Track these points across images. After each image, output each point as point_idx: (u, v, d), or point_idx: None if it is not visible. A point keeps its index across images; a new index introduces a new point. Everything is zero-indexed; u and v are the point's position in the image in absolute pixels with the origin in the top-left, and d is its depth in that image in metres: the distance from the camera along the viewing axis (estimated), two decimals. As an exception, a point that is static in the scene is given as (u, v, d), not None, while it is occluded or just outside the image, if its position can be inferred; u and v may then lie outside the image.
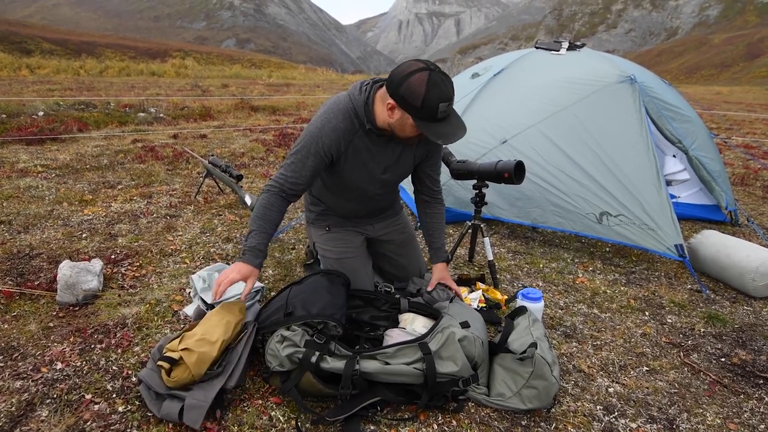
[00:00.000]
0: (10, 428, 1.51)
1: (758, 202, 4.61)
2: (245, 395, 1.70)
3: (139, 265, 2.70)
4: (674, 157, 3.82)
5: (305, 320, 1.73)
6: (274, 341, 1.69)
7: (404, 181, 2.19)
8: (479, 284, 2.53)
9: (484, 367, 1.75)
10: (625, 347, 2.14)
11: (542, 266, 2.96)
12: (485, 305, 2.36)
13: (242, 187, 3.99)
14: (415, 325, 1.90)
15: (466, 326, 1.76)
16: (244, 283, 1.76)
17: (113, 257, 2.76)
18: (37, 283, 2.42)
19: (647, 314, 2.45)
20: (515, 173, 2.43)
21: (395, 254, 2.33)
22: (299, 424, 1.58)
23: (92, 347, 1.93)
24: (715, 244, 2.85)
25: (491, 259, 2.64)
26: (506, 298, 2.45)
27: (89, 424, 1.55)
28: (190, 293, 2.36)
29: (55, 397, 1.65)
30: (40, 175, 4.43)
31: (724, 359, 2.08)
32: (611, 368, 1.98)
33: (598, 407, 1.74)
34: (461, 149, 3.13)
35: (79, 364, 1.83)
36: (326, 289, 1.90)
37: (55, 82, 15.30)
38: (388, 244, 2.31)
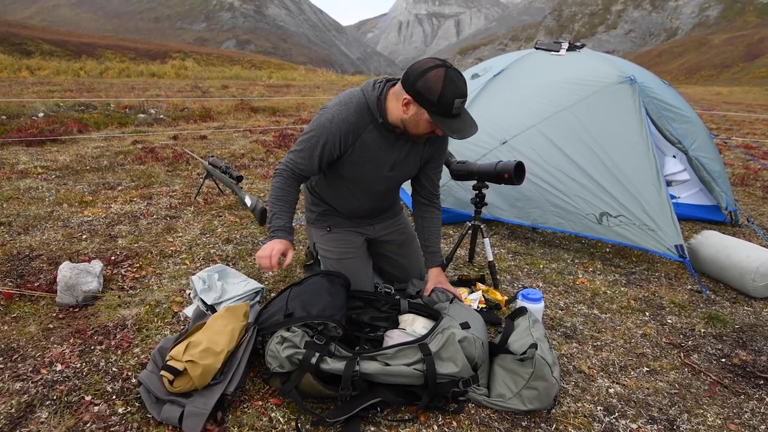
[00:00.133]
0: (9, 430, 1.51)
1: (758, 202, 4.61)
2: (245, 396, 1.70)
3: (139, 266, 2.70)
4: (674, 157, 3.82)
5: (305, 321, 1.73)
6: (274, 342, 1.69)
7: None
8: (479, 285, 2.53)
9: (484, 368, 1.75)
10: (625, 348, 2.14)
11: (542, 267, 2.96)
12: (485, 306, 2.36)
13: (242, 188, 3.99)
14: (415, 326, 1.89)
15: (466, 327, 1.76)
16: (250, 283, 1.78)
17: (113, 258, 2.76)
18: (36, 284, 2.42)
19: (647, 315, 2.45)
20: (515, 174, 2.43)
21: (396, 254, 2.33)
22: (299, 425, 1.58)
23: (92, 349, 1.93)
24: (715, 244, 2.85)
25: (491, 259, 2.64)
26: (506, 298, 2.45)
27: (89, 425, 1.54)
28: (190, 294, 2.36)
29: (54, 398, 1.65)
30: (40, 176, 4.43)
31: (724, 360, 2.08)
32: (611, 369, 1.98)
33: (598, 408, 1.74)
34: (461, 150, 3.13)
35: (78, 365, 1.83)
36: (326, 290, 1.90)
37: (55, 83, 15.31)
38: (388, 244, 2.31)
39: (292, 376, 1.66)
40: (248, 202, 3.49)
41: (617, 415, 1.71)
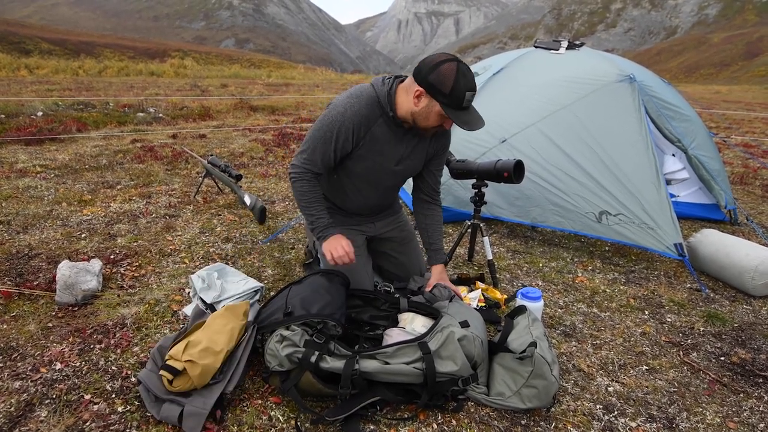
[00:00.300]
0: (9, 428, 1.51)
1: (757, 200, 4.61)
2: (245, 395, 1.70)
3: (138, 265, 2.70)
4: (673, 156, 3.82)
5: (305, 320, 1.73)
6: (273, 341, 1.69)
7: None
8: (479, 283, 2.53)
9: (483, 366, 1.75)
10: (624, 346, 2.14)
11: (542, 265, 2.96)
12: (485, 304, 2.36)
13: (241, 186, 3.99)
14: (414, 324, 1.90)
15: (465, 326, 1.76)
16: (250, 281, 1.79)
17: (112, 257, 2.76)
18: (36, 283, 2.41)
19: (647, 313, 2.45)
20: (514, 172, 2.43)
21: (396, 252, 2.33)
22: (299, 423, 1.58)
23: (91, 347, 1.93)
24: (714, 243, 2.86)
25: (491, 258, 2.64)
26: (506, 297, 2.45)
27: (88, 424, 1.54)
28: (189, 293, 2.36)
29: (54, 397, 1.65)
30: (39, 175, 4.43)
31: (723, 358, 2.08)
32: (611, 367, 1.98)
33: (597, 406, 1.74)
34: (460, 148, 3.13)
35: (78, 364, 1.83)
36: (326, 288, 1.90)
37: (53, 82, 15.29)
38: (388, 242, 2.32)
39: (291, 374, 1.66)
40: (247, 200, 3.49)
41: (616, 413, 1.72)
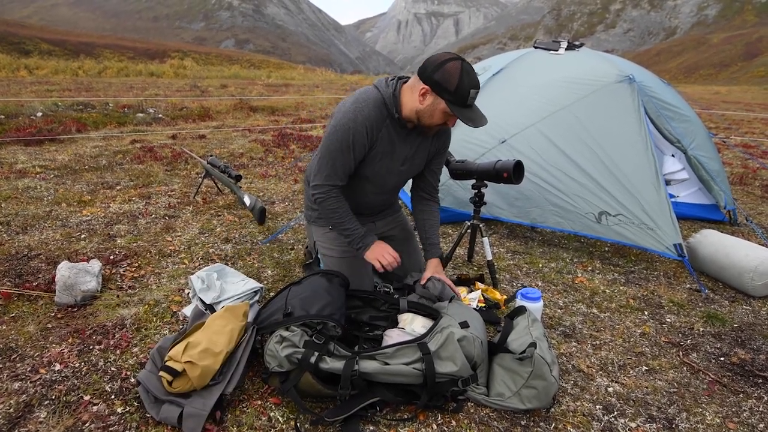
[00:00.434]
0: (8, 430, 1.51)
1: (757, 201, 4.61)
2: (244, 396, 1.70)
3: (137, 265, 2.70)
4: (673, 156, 3.82)
5: (304, 320, 1.73)
6: (273, 342, 1.68)
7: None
8: (478, 284, 2.53)
9: (483, 367, 1.75)
10: (624, 347, 2.14)
11: (541, 266, 2.96)
12: (484, 305, 2.36)
13: (241, 187, 3.99)
14: (414, 325, 1.89)
15: (465, 326, 1.76)
16: (249, 282, 1.83)
17: (112, 258, 2.75)
18: (35, 284, 2.41)
19: (646, 314, 2.45)
20: (514, 173, 2.43)
21: (396, 250, 2.34)
22: (298, 424, 1.58)
23: (91, 348, 1.93)
24: (714, 243, 2.86)
25: (490, 258, 2.64)
26: (505, 297, 2.45)
27: (88, 425, 1.54)
28: (188, 294, 2.35)
29: (53, 398, 1.65)
30: (38, 175, 4.43)
31: (723, 358, 2.08)
32: (610, 368, 1.98)
33: (597, 407, 1.74)
34: (460, 149, 3.13)
35: (77, 365, 1.83)
36: (325, 289, 1.90)
37: (53, 82, 15.29)
38: (389, 240, 2.32)
39: (291, 375, 1.66)
40: (247, 201, 3.49)
41: (616, 413, 1.72)
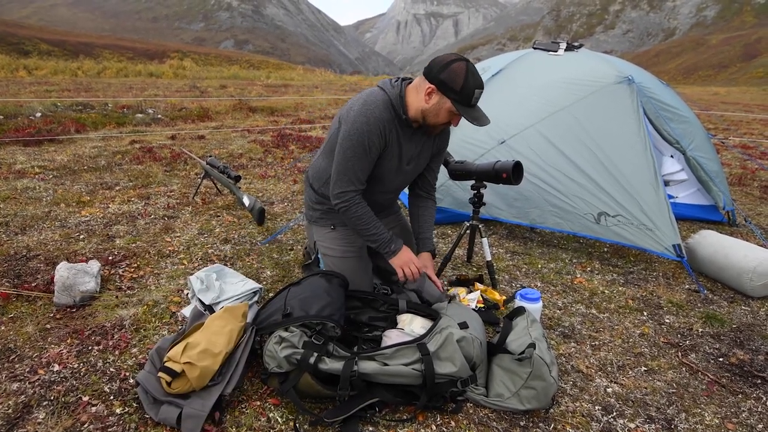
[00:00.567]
0: (7, 430, 1.51)
1: (755, 202, 4.62)
2: (243, 397, 1.70)
3: (136, 266, 2.69)
4: (672, 157, 3.83)
5: (303, 321, 1.73)
6: (272, 342, 1.68)
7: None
8: (477, 285, 2.53)
9: (482, 367, 1.75)
10: (623, 347, 2.14)
11: (540, 267, 2.96)
12: (483, 306, 2.36)
13: (240, 188, 3.99)
14: (413, 325, 1.89)
15: (464, 327, 1.76)
16: (248, 283, 1.95)
17: (111, 258, 2.75)
18: (34, 284, 2.41)
19: (645, 314, 2.45)
20: (513, 174, 2.43)
21: None
22: (297, 425, 1.58)
23: (89, 349, 1.93)
24: (712, 244, 2.86)
25: (489, 259, 2.64)
26: (504, 298, 2.45)
27: (86, 426, 1.54)
28: (188, 294, 2.35)
29: (52, 399, 1.65)
30: (37, 176, 4.42)
31: (722, 359, 2.08)
32: (609, 368, 1.98)
33: (596, 407, 1.74)
34: (459, 150, 3.13)
35: (76, 365, 1.82)
36: (324, 290, 1.89)
37: (52, 83, 15.27)
38: None
39: (290, 376, 1.66)
40: (246, 201, 3.49)
41: (615, 414, 1.72)
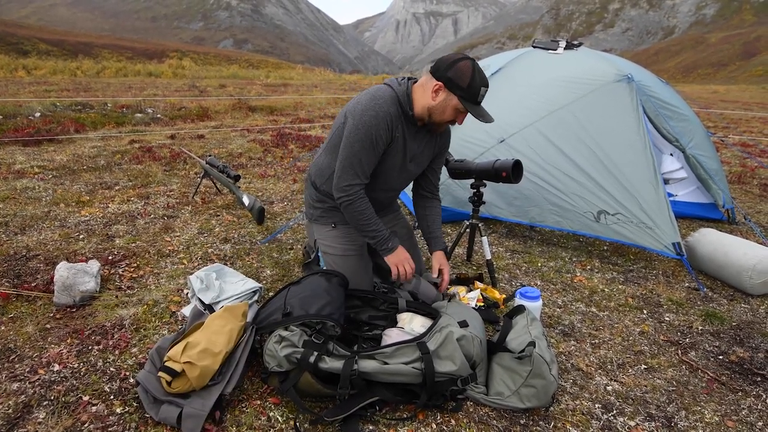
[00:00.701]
0: (7, 430, 1.51)
1: (755, 200, 4.62)
2: (243, 396, 1.70)
3: (136, 266, 2.69)
4: (671, 155, 3.83)
5: (303, 320, 1.73)
6: (272, 341, 1.68)
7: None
8: (477, 283, 2.53)
9: (482, 366, 1.75)
10: (623, 345, 2.14)
11: (540, 265, 2.96)
12: (483, 304, 2.36)
13: (240, 187, 3.99)
14: (413, 324, 1.90)
15: (464, 325, 1.76)
16: (248, 282, 1.93)
17: (110, 258, 2.75)
18: (33, 284, 2.41)
19: (645, 312, 2.45)
20: (513, 172, 2.43)
21: None
22: (298, 424, 1.58)
23: (89, 349, 1.93)
24: (712, 242, 2.86)
25: (489, 258, 2.64)
26: (504, 297, 2.45)
27: (87, 425, 1.54)
28: (187, 294, 2.35)
29: (52, 398, 1.65)
30: (36, 176, 4.42)
31: (721, 357, 2.08)
32: (609, 366, 1.98)
33: (596, 405, 1.75)
34: (459, 148, 3.13)
35: (76, 365, 1.82)
36: (324, 289, 1.90)
37: (51, 83, 15.26)
38: None
39: (290, 375, 1.66)
40: (246, 201, 3.49)
41: (615, 412, 1.72)
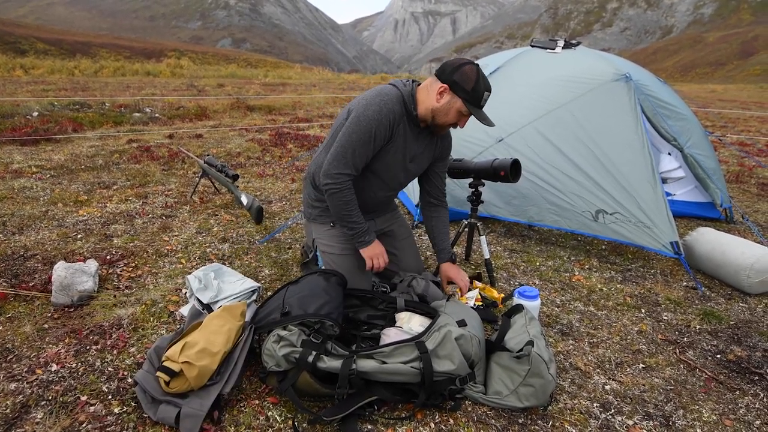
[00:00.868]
0: (5, 430, 1.50)
1: (753, 199, 4.63)
2: (242, 395, 1.70)
3: (134, 265, 2.69)
4: (669, 154, 3.83)
5: (302, 320, 1.73)
6: (270, 341, 1.68)
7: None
8: (476, 282, 2.53)
9: (481, 365, 1.75)
10: (621, 344, 2.15)
11: (539, 264, 2.97)
12: (482, 303, 2.37)
13: (238, 186, 3.98)
14: (411, 323, 1.90)
15: (462, 325, 1.76)
16: (247, 281, 1.98)
17: (108, 258, 2.75)
18: (31, 284, 2.40)
19: (643, 311, 2.46)
20: (511, 171, 2.44)
21: (394, 248, 2.36)
22: (296, 423, 1.58)
23: (87, 348, 1.93)
24: (710, 241, 2.87)
25: (488, 257, 2.65)
26: (503, 296, 2.46)
27: (84, 425, 1.54)
28: (186, 293, 2.35)
29: (50, 398, 1.64)
30: (34, 175, 4.41)
31: (719, 356, 2.09)
32: (608, 366, 1.99)
33: (594, 404, 1.75)
34: (458, 147, 3.12)
35: (74, 365, 1.82)
36: (323, 288, 1.89)
37: (49, 82, 15.22)
38: (388, 237, 2.35)
39: (288, 374, 1.66)
40: (244, 200, 3.48)
41: (613, 411, 1.72)
